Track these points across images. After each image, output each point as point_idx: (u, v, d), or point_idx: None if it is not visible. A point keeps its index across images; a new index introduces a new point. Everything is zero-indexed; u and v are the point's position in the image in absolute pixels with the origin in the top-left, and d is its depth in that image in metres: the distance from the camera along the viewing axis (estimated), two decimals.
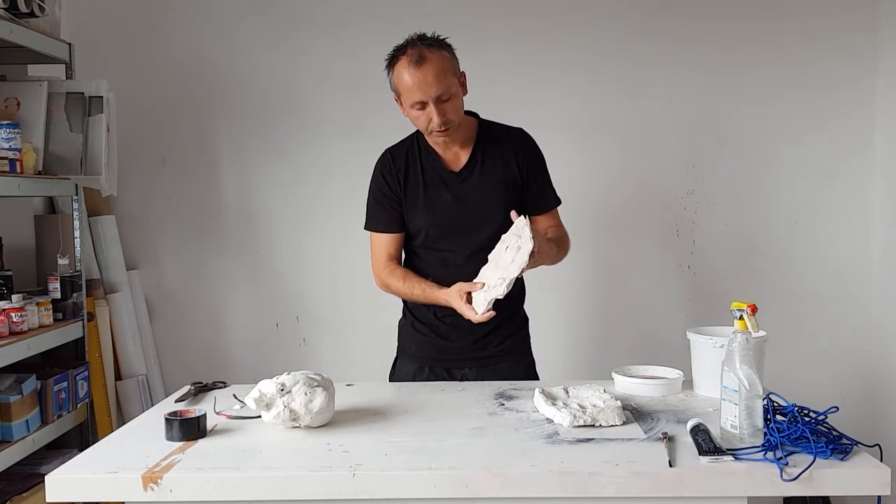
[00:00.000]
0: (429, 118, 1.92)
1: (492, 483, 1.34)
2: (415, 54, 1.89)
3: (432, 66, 1.89)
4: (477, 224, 2.03)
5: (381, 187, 2.10)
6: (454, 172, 2.05)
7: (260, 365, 3.00)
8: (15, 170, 2.36)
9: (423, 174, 2.05)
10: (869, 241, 2.99)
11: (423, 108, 1.92)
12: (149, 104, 3.05)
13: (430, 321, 2.13)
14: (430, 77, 1.88)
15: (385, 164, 2.10)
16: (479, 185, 2.04)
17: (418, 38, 1.93)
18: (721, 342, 1.72)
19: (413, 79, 1.89)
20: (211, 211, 3.09)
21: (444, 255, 2.08)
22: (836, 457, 1.37)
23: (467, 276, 1.99)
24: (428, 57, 1.89)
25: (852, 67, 2.95)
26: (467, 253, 2.04)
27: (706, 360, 1.79)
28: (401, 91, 1.94)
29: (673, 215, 3.03)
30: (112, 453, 1.49)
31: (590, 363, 3.03)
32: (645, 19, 2.97)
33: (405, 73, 1.90)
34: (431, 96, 1.89)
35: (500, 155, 2.05)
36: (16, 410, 2.30)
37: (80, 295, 2.66)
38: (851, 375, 3.00)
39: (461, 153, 2.05)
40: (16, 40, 2.37)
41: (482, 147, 2.05)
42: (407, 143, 2.11)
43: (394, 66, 1.94)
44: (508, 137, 2.08)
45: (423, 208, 2.05)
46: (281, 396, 1.57)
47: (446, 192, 2.04)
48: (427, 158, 2.06)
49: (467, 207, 2.03)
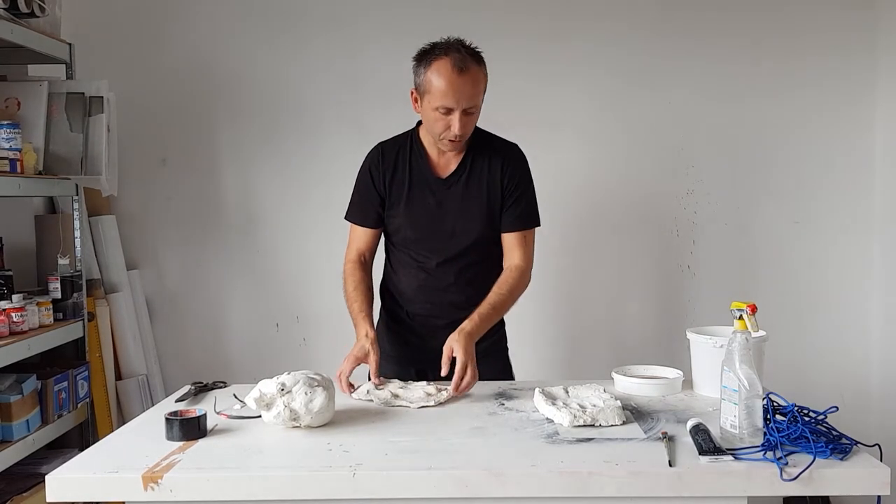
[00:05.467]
0: (447, 125, 1.90)
1: (492, 483, 1.34)
2: (459, 60, 1.86)
3: (472, 77, 1.87)
4: (454, 233, 2.03)
5: (366, 181, 2.09)
6: (441, 178, 2.04)
7: (260, 365, 3.00)
8: (15, 170, 2.36)
9: (410, 175, 2.04)
10: (869, 240, 2.99)
11: (447, 113, 1.89)
12: (149, 104, 3.05)
13: (402, 320, 2.13)
14: (468, 88, 1.87)
15: (374, 159, 2.09)
16: (463, 194, 2.02)
17: (461, 45, 1.90)
18: (721, 342, 1.72)
19: (452, 84, 1.86)
20: (211, 211, 3.09)
21: (417, 259, 2.08)
22: (836, 456, 1.37)
23: (435, 285, 2.03)
24: (471, 68, 1.87)
25: (852, 68, 2.94)
26: (439, 260, 2.05)
27: (706, 361, 1.79)
28: (429, 90, 1.90)
29: (673, 215, 3.03)
30: (112, 453, 1.49)
31: (590, 363, 3.03)
32: (644, 19, 2.97)
33: (444, 75, 1.86)
34: (462, 106, 1.88)
35: (489, 167, 2.03)
36: (16, 410, 2.30)
37: (80, 295, 2.66)
38: (851, 375, 3.00)
39: (452, 160, 2.04)
40: (16, 40, 2.37)
41: (472, 156, 2.04)
42: (400, 141, 2.10)
43: (430, 63, 1.89)
44: (500, 150, 2.06)
45: (405, 209, 2.04)
46: (281, 396, 1.57)
47: (430, 196, 2.03)
48: (417, 160, 2.05)
49: (448, 215, 2.03)
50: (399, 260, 2.13)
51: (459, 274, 2.06)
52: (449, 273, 2.06)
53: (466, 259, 2.06)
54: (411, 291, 2.12)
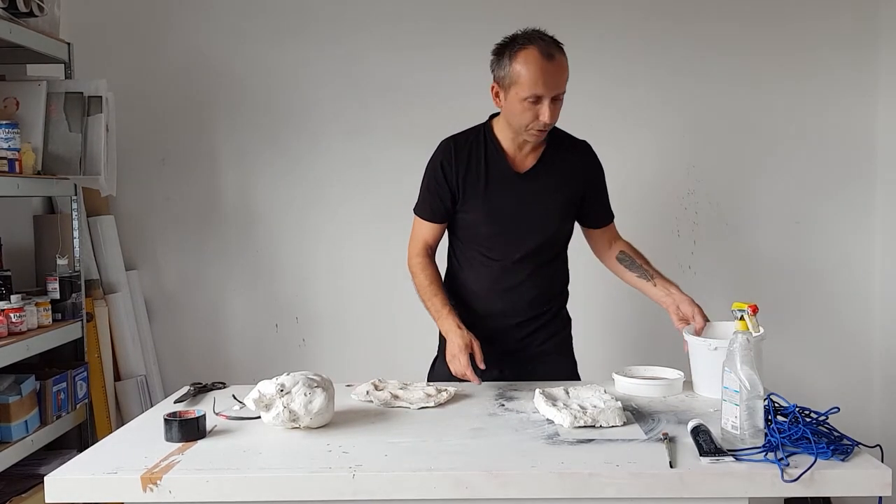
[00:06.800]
0: (536, 114, 1.87)
1: (492, 484, 1.34)
2: (545, 48, 1.85)
3: (561, 64, 1.87)
4: (533, 228, 2.02)
5: (437, 176, 2.03)
6: (519, 173, 2.01)
7: (259, 365, 2.99)
8: (14, 170, 2.36)
9: (486, 170, 2.01)
10: (870, 240, 2.99)
11: (536, 102, 1.86)
12: (149, 104, 3.04)
13: (469, 322, 2.04)
14: (557, 74, 1.86)
15: (446, 153, 2.04)
16: (541, 189, 2.01)
17: (542, 34, 1.90)
18: (715, 344, 1.73)
19: (543, 72, 1.84)
20: (211, 211, 3.09)
21: (490, 255, 2.06)
22: (837, 457, 1.37)
23: (509, 282, 2.03)
24: (557, 56, 1.87)
25: (853, 68, 2.94)
26: (515, 257, 2.03)
27: (700, 363, 1.80)
28: (517, 80, 1.86)
29: (673, 215, 3.03)
30: (111, 454, 1.48)
31: (589, 363, 3.03)
32: (644, 19, 2.97)
33: (533, 63, 1.84)
34: (552, 93, 1.86)
35: (567, 164, 2.03)
36: (15, 411, 2.30)
37: (79, 295, 2.66)
38: (852, 376, 3.00)
39: (530, 156, 2.02)
40: (15, 40, 2.37)
41: (549, 152, 2.02)
42: (472, 135, 2.05)
43: (515, 54, 1.86)
44: (575, 149, 2.07)
45: (482, 205, 2.01)
46: (280, 397, 1.56)
47: (509, 191, 2.00)
48: (493, 155, 2.01)
49: (527, 210, 2.01)
50: (468, 258, 2.09)
51: (534, 271, 2.05)
52: (524, 269, 2.03)
53: (541, 256, 2.04)
54: (482, 290, 2.08)
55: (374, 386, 1.84)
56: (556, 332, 2.12)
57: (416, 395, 1.80)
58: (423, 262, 2.08)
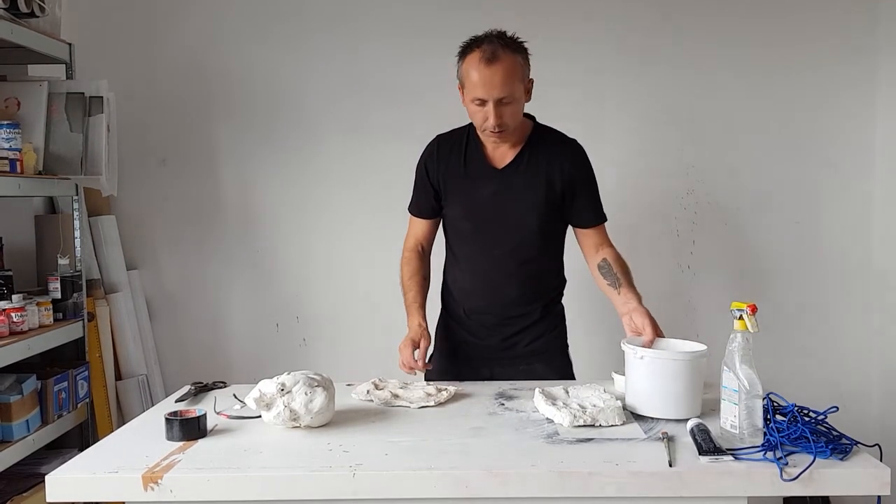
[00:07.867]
0: (485, 116, 1.91)
1: (492, 483, 1.34)
2: (488, 52, 1.86)
3: (502, 67, 1.87)
4: (512, 223, 2.02)
5: (422, 174, 2.12)
6: (497, 168, 2.03)
7: (260, 365, 3.00)
8: (15, 170, 2.36)
9: (465, 165, 2.05)
10: (870, 240, 2.99)
11: (482, 105, 1.90)
12: (149, 104, 3.05)
13: (459, 317, 2.14)
14: (497, 78, 1.86)
15: (430, 151, 2.12)
16: (520, 184, 2.02)
17: (497, 36, 1.91)
18: (641, 353, 1.64)
19: (480, 76, 1.87)
20: (211, 211, 3.09)
21: (476, 251, 2.09)
22: (836, 457, 1.37)
23: (494, 277, 2.05)
24: (501, 57, 1.86)
25: (853, 67, 2.94)
26: (498, 252, 2.04)
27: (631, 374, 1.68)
28: (465, 82, 1.93)
29: (673, 215, 3.03)
30: (112, 453, 1.49)
31: (589, 363, 3.03)
32: (644, 19, 2.97)
33: (474, 67, 1.88)
34: (493, 97, 1.88)
35: (546, 160, 2.02)
36: (16, 410, 2.30)
37: (80, 295, 2.66)
38: (851, 375, 3.00)
39: (508, 152, 2.04)
40: (16, 40, 2.37)
41: (529, 149, 2.03)
42: (458, 133, 2.10)
43: (465, 56, 1.92)
44: (559, 145, 2.06)
45: (461, 199, 2.06)
46: (281, 396, 1.57)
47: (486, 185, 2.03)
48: (473, 151, 2.05)
49: (505, 205, 2.02)
50: (455, 255, 2.14)
51: (517, 269, 2.06)
52: (506, 267, 2.05)
53: (523, 253, 2.05)
54: (467, 287, 2.12)
55: (374, 385, 1.85)
56: (545, 333, 2.12)
57: (416, 394, 1.81)
58: (409, 257, 2.15)
